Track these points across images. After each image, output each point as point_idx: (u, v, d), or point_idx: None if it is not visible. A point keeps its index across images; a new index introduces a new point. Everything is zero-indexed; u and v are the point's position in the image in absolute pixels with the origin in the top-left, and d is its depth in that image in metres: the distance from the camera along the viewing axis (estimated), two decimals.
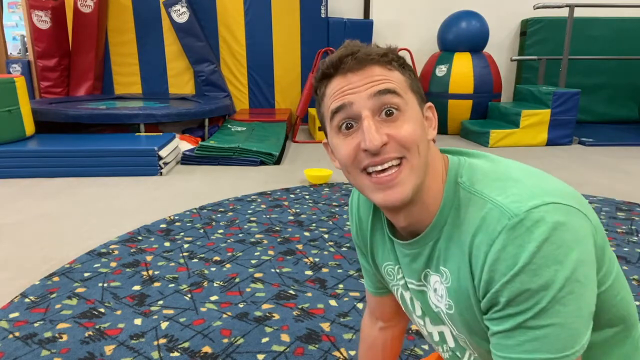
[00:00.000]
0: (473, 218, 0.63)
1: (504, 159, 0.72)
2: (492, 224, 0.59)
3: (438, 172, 0.69)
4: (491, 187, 0.64)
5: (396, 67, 0.67)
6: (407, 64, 0.70)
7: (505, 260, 0.57)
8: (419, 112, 0.67)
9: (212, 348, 1.45)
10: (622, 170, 3.72)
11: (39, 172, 3.40)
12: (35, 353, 1.42)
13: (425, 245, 0.71)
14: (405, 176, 0.64)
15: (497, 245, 0.58)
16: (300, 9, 5.48)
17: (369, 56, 0.65)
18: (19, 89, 3.60)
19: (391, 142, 0.63)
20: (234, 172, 3.64)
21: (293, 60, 5.64)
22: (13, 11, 6.98)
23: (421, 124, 0.66)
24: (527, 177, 0.64)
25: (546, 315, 0.55)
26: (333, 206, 2.81)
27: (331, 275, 1.93)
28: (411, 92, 0.67)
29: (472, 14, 5.16)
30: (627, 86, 5.83)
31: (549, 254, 0.55)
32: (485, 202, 0.62)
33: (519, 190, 0.61)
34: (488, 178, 0.66)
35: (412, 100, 0.67)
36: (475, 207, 0.63)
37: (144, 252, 2.15)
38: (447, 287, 0.68)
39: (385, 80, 0.64)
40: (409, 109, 0.65)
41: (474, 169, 0.68)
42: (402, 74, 0.67)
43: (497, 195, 0.61)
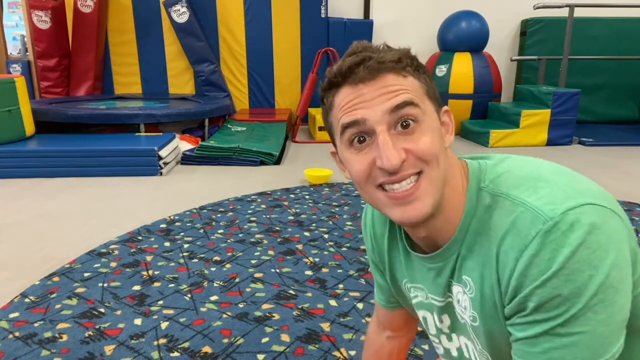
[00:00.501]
0: (501, 222, 0.59)
1: (529, 158, 0.67)
2: (524, 228, 0.56)
3: (457, 180, 0.65)
4: (520, 188, 0.60)
5: (411, 72, 0.62)
6: (421, 66, 0.64)
7: (538, 265, 0.53)
8: (436, 120, 0.63)
9: (212, 348, 1.45)
10: (622, 170, 3.72)
11: (39, 172, 3.40)
12: (35, 353, 1.42)
13: (449, 258, 0.66)
14: (423, 190, 0.60)
15: (530, 250, 0.54)
16: (300, 9, 5.48)
17: (382, 64, 0.60)
18: (19, 89, 3.60)
19: (409, 157, 0.59)
20: (234, 172, 3.64)
21: (293, 60, 5.64)
22: (13, 11, 6.98)
23: (439, 133, 0.62)
24: (559, 177, 0.60)
25: (576, 323, 0.52)
26: (333, 206, 2.81)
27: (331, 275, 1.93)
28: (428, 99, 0.62)
29: (472, 14, 5.16)
30: (627, 86, 5.83)
31: (584, 259, 0.52)
32: (514, 204, 0.58)
33: (552, 191, 0.57)
34: (515, 178, 0.62)
35: (429, 108, 0.62)
36: (503, 210, 0.59)
37: (144, 252, 2.15)
38: (471, 297, 0.64)
39: (401, 91, 0.59)
40: (426, 119, 0.60)
41: (497, 171, 0.64)
42: (417, 79, 0.62)
43: (528, 197, 0.58)
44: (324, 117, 0.68)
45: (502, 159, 0.68)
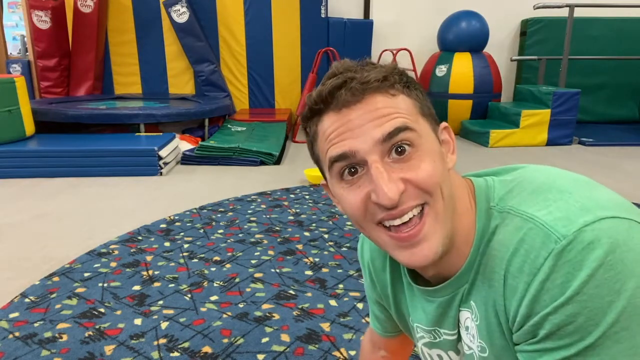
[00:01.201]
0: (507, 240, 0.52)
1: (544, 167, 0.60)
2: (534, 249, 0.49)
3: (464, 202, 0.58)
4: (529, 201, 0.53)
5: (400, 89, 0.54)
6: (412, 81, 0.57)
7: (551, 290, 0.47)
8: (435, 141, 0.55)
9: (212, 348, 1.45)
10: (622, 170, 3.72)
11: (39, 172, 3.40)
12: (35, 353, 1.42)
13: (460, 288, 0.59)
14: (430, 227, 0.53)
15: (542, 274, 0.48)
16: (300, 9, 5.48)
17: (366, 84, 0.52)
18: (19, 89, 3.60)
19: (409, 187, 0.52)
20: (234, 172, 3.64)
21: (293, 60, 5.64)
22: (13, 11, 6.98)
23: (440, 156, 0.55)
24: (574, 186, 0.53)
25: (593, 353, 0.46)
26: (333, 206, 2.81)
27: (331, 275, 1.93)
28: (422, 118, 0.55)
29: (472, 14, 5.16)
30: (627, 86, 5.83)
31: (603, 283, 0.45)
32: (523, 220, 0.51)
33: (566, 204, 0.50)
34: (525, 190, 0.55)
35: (426, 128, 0.55)
36: (510, 227, 0.53)
37: (144, 252, 2.15)
38: (477, 325, 0.58)
39: (392, 114, 0.52)
40: (423, 141, 0.53)
41: (505, 185, 0.57)
42: (408, 96, 0.55)
43: (538, 211, 0.51)
44: (309, 147, 0.60)
45: (512, 169, 0.62)
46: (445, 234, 0.54)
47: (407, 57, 5.27)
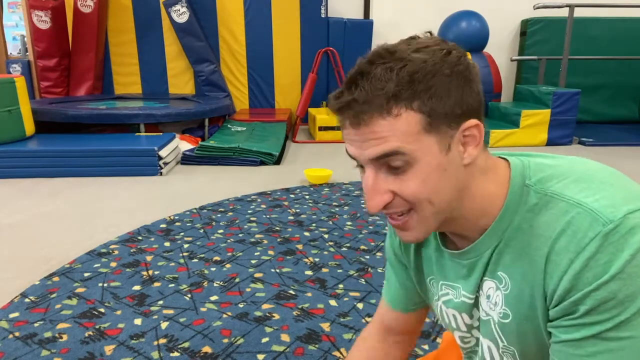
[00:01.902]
0: (554, 222, 0.56)
1: (573, 157, 0.65)
2: (581, 230, 0.53)
3: (483, 184, 0.62)
4: (574, 189, 0.57)
5: (406, 106, 0.54)
6: (434, 85, 0.55)
7: (594, 268, 0.52)
8: (438, 154, 0.57)
9: (212, 348, 1.45)
10: (622, 170, 3.70)
11: (39, 172, 3.40)
12: (35, 353, 1.42)
13: (484, 253, 0.64)
14: (413, 224, 0.60)
15: (587, 252, 0.52)
16: (300, 9, 5.48)
17: (368, 106, 0.54)
18: (19, 89, 3.60)
19: (396, 198, 0.58)
20: (234, 172, 3.64)
21: (293, 60, 5.64)
22: (13, 11, 6.98)
23: (439, 169, 0.57)
24: (613, 179, 0.59)
25: (627, 327, 0.51)
26: (333, 206, 2.81)
27: (331, 275, 1.93)
28: (426, 134, 0.56)
29: (472, 14, 5.16)
30: (627, 86, 5.83)
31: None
32: (570, 205, 0.56)
33: (610, 194, 0.55)
34: (567, 179, 0.59)
35: (427, 144, 0.56)
36: (556, 210, 0.57)
37: (144, 252, 2.15)
38: (505, 294, 0.62)
39: (387, 138, 0.55)
40: (421, 158, 0.56)
41: (543, 169, 0.62)
42: (417, 110, 0.55)
43: (585, 198, 0.55)
44: None
45: (542, 156, 0.66)
46: (429, 229, 0.62)
47: None
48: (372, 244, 2.24)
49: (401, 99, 0.54)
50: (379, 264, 2.03)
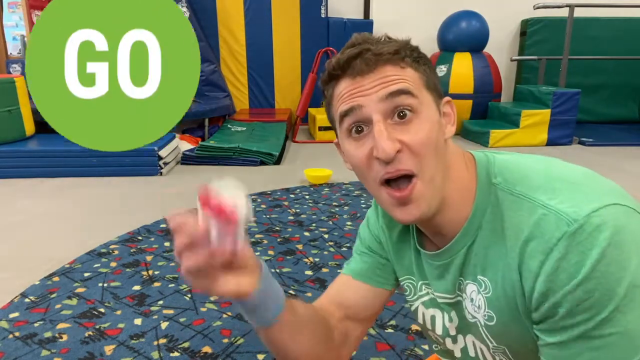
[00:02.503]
0: (521, 223, 0.58)
1: (534, 156, 0.67)
2: (548, 231, 0.54)
3: (461, 172, 0.65)
4: (538, 189, 0.59)
5: (409, 63, 0.62)
6: (422, 57, 0.64)
7: (566, 269, 0.52)
8: (435, 112, 0.62)
9: (212, 348, 1.45)
10: (622, 170, 3.72)
11: (39, 172, 3.40)
12: (35, 353, 1.42)
13: (458, 253, 0.66)
14: (419, 191, 0.60)
15: (556, 253, 0.53)
16: (300, 9, 5.48)
17: (380, 56, 0.60)
18: (19, 89, 3.60)
19: (405, 150, 0.59)
20: (234, 172, 3.64)
21: (293, 60, 5.64)
22: (13, 11, 6.98)
23: (438, 125, 0.62)
24: (575, 177, 0.60)
25: (609, 325, 0.52)
26: (333, 206, 2.81)
27: (331, 275, 1.93)
28: (426, 91, 0.62)
29: (472, 14, 5.16)
30: (627, 86, 5.83)
31: (612, 261, 0.51)
32: (535, 206, 0.57)
33: (572, 193, 0.57)
34: (530, 178, 0.61)
35: (428, 100, 0.62)
36: (523, 212, 0.58)
37: (144, 252, 2.15)
38: (487, 297, 0.63)
39: (398, 80, 0.60)
40: (424, 110, 0.61)
41: (507, 167, 0.63)
42: (416, 70, 0.62)
43: (549, 200, 0.57)
44: (326, 110, 0.69)
45: (504, 153, 0.68)
46: (433, 197, 0.61)
47: None
48: None
49: (405, 57, 0.62)
50: None
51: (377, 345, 1.47)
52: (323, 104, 2.19)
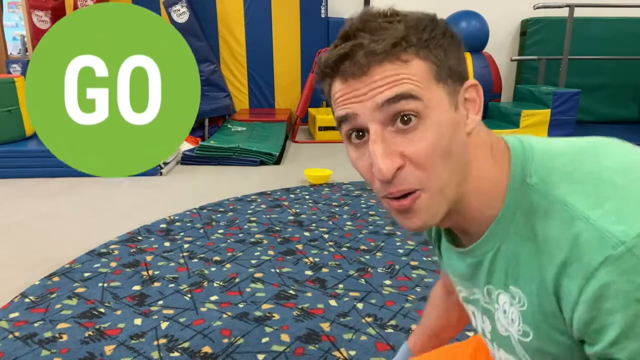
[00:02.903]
0: (559, 237, 0.49)
1: (582, 141, 0.57)
2: (588, 252, 0.46)
3: (486, 170, 0.55)
4: (579, 194, 0.49)
5: (415, 52, 0.50)
6: (434, 37, 0.52)
7: (614, 298, 0.44)
8: (449, 109, 0.52)
9: (212, 348, 1.45)
10: None
11: (39, 172, 3.40)
12: (35, 353, 1.42)
13: (485, 255, 0.58)
14: (422, 203, 0.52)
15: (599, 280, 0.45)
16: (300, 9, 5.48)
17: (373, 56, 0.50)
18: (19, 89, 3.60)
19: (408, 165, 0.51)
20: (234, 172, 3.64)
21: (293, 60, 5.64)
22: (13, 11, 6.98)
23: (451, 125, 0.52)
24: (626, 178, 0.48)
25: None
26: (333, 206, 2.81)
27: (331, 275, 1.93)
28: (437, 84, 0.51)
29: (472, 14, 5.16)
30: (627, 86, 5.83)
31: None
32: (572, 218, 0.48)
33: (623, 202, 0.46)
34: (571, 179, 0.50)
35: (438, 96, 0.51)
36: (559, 222, 0.49)
37: (144, 252, 2.15)
38: (522, 311, 0.55)
39: (397, 82, 0.49)
40: (432, 111, 0.50)
41: (547, 163, 0.54)
42: (425, 59, 0.51)
43: (590, 210, 0.47)
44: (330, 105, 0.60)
45: (549, 141, 0.58)
46: (440, 207, 0.53)
47: None
48: (372, 244, 2.24)
49: (410, 43, 0.50)
50: (379, 264, 2.03)
51: (377, 345, 1.47)
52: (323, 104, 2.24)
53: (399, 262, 2.05)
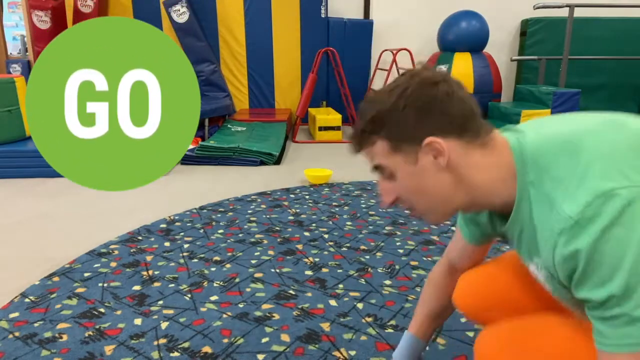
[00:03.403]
0: (546, 221, 0.69)
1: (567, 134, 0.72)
2: (556, 228, 0.66)
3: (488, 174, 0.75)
4: (556, 189, 0.68)
5: (376, 137, 0.77)
6: (391, 118, 0.75)
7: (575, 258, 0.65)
8: (411, 165, 0.76)
9: (212, 348, 1.45)
10: None
11: (39, 172, 3.40)
12: (35, 353, 1.42)
13: (514, 235, 0.79)
14: (422, 215, 0.81)
15: (560, 247, 0.66)
16: (300, 9, 5.48)
17: (356, 141, 0.80)
18: (19, 89, 3.60)
19: (398, 200, 0.81)
20: (234, 172, 3.64)
21: (293, 60, 5.64)
22: (13, 11, 6.98)
23: (418, 174, 0.76)
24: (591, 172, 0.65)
25: None
26: (333, 206, 2.81)
27: (331, 275, 1.93)
28: (394, 153, 0.76)
29: (472, 14, 5.16)
30: (627, 86, 5.83)
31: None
32: (552, 206, 0.68)
33: (577, 190, 0.65)
34: (552, 177, 0.69)
35: (398, 162, 0.77)
36: (547, 210, 0.69)
37: (144, 252, 2.15)
38: (543, 275, 0.75)
39: (371, 158, 0.79)
40: (397, 170, 0.77)
41: (537, 163, 0.72)
42: (382, 139, 0.76)
43: (562, 200, 0.66)
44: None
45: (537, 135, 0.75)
46: (443, 214, 0.80)
47: (407, 57, 5.27)
48: (372, 244, 2.24)
49: (370, 132, 0.77)
50: (379, 264, 2.03)
51: (377, 345, 1.47)
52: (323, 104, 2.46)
53: (399, 262, 2.05)
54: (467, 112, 0.75)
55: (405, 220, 2.57)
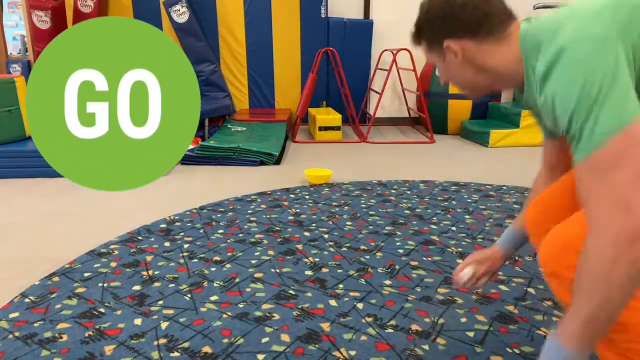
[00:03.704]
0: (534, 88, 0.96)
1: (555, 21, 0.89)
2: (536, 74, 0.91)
3: (505, 62, 1.01)
4: (541, 62, 0.88)
5: (420, 39, 1.11)
6: (418, 28, 1.10)
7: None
8: (439, 61, 1.09)
9: (212, 348, 1.45)
10: None
11: (39, 172, 3.40)
12: (35, 353, 1.42)
13: (531, 104, 1.06)
14: (465, 93, 1.12)
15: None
16: (300, 9, 5.48)
17: (413, 43, 1.15)
18: (19, 89, 3.60)
19: (446, 82, 1.12)
20: (234, 172, 3.64)
21: (293, 60, 5.65)
22: (13, 11, 6.98)
23: (445, 67, 1.08)
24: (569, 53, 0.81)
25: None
26: (333, 206, 2.81)
27: (331, 275, 1.93)
28: (431, 52, 1.09)
29: None
30: None
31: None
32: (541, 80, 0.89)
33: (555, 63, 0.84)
34: (542, 54, 0.88)
35: (435, 57, 1.09)
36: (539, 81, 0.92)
37: (144, 252, 2.15)
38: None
39: (425, 54, 1.13)
40: (438, 64, 1.09)
41: (534, 43, 0.93)
42: (423, 42, 1.11)
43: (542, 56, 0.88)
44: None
45: (540, 20, 0.97)
46: (480, 92, 1.10)
47: (407, 57, 5.27)
48: (372, 244, 2.24)
49: (416, 36, 1.11)
50: (379, 264, 2.03)
51: (377, 345, 1.47)
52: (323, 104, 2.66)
53: (399, 262, 2.05)
54: (479, 17, 0.98)
55: (405, 220, 2.57)
